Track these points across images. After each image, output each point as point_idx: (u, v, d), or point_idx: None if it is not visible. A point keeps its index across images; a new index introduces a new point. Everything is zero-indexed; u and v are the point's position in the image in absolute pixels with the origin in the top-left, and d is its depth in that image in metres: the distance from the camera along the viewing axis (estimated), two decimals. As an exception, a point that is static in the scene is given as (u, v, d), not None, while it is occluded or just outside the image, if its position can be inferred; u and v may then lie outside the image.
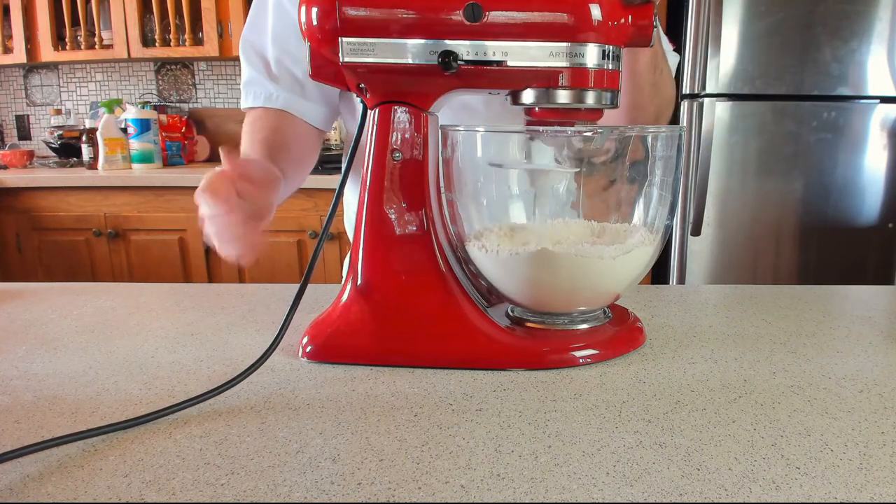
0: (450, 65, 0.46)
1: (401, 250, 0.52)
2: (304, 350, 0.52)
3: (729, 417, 0.42)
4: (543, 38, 0.47)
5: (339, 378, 0.49)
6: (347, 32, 0.48)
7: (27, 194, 2.17)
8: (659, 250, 0.54)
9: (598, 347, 0.52)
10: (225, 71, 2.67)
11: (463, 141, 0.52)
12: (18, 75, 2.76)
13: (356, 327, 0.52)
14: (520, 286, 0.53)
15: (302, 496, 0.34)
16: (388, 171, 0.51)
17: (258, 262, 2.16)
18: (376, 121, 0.51)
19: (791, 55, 1.80)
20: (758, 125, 1.84)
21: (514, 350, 0.51)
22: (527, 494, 0.34)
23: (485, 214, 0.54)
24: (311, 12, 0.48)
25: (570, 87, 0.48)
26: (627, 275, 0.52)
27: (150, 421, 0.42)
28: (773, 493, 0.34)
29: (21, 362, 0.52)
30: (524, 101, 0.49)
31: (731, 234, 1.92)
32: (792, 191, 1.90)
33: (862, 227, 1.92)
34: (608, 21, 0.47)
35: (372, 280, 0.52)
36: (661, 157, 0.51)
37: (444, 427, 0.41)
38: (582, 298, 0.54)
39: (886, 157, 1.88)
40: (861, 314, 0.65)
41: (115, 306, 0.68)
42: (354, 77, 0.50)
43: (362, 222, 0.52)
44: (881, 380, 0.48)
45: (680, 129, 0.52)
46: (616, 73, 0.49)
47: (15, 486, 0.35)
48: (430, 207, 0.52)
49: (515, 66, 0.47)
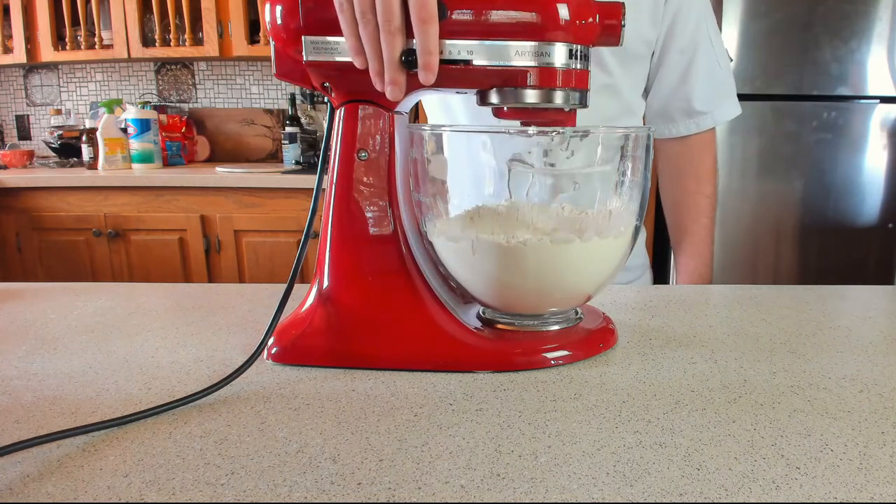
0: (413, 63, 0.46)
1: (367, 251, 0.52)
2: (269, 352, 0.52)
3: (729, 417, 0.42)
4: (510, 37, 0.46)
5: (339, 378, 0.49)
6: (311, 31, 0.48)
7: (27, 194, 2.17)
8: (628, 251, 0.53)
9: (569, 348, 0.52)
10: (225, 71, 2.67)
11: (430, 140, 0.52)
12: (18, 75, 2.76)
13: (321, 329, 0.52)
14: (485, 280, 0.52)
15: (302, 496, 0.34)
16: (354, 171, 0.51)
17: (258, 262, 2.17)
18: (342, 120, 0.51)
19: (791, 55, 1.80)
20: (758, 125, 1.84)
21: (481, 352, 0.51)
22: (527, 494, 0.34)
23: (452, 211, 0.54)
24: (276, 11, 0.48)
25: (537, 87, 0.47)
26: (595, 268, 0.52)
27: (146, 417, 0.42)
28: (773, 493, 0.34)
29: (21, 362, 0.52)
30: (491, 101, 0.49)
31: (731, 234, 1.92)
32: (792, 191, 1.90)
33: (862, 227, 1.92)
34: (576, 20, 0.46)
35: (338, 281, 0.52)
36: (630, 156, 0.51)
37: (444, 427, 0.41)
38: (549, 293, 0.53)
39: (886, 157, 1.88)
40: (861, 314, 0.65)
41: (115, 306, 0.68)
42: (318, 76, 0.49)
43: (329, 222, 0.52)
44: (881, 380, 0.48)
45: (649, 130, 0.52)
46: (585, 72, 0.48)
47: (15, 486, 0.35)
48: (398, 207, 0.52)
49: (481, 66, 0.47)
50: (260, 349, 0.49)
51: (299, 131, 2.42)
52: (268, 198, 2.09)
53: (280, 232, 2.12)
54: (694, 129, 0.92)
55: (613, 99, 0.87)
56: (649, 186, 0.53)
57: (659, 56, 0.89)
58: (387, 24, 0.44)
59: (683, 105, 0.91)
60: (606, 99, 0.86)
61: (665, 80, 0.90)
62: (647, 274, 1.01)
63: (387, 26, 0.44)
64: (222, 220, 2.12)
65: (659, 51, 0.89)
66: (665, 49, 0.88)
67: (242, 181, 2.09)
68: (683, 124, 0.93)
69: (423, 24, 0.44)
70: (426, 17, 0.44)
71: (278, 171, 2.20)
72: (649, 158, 0.52)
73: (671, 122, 0.93)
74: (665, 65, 0.89)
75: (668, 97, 0.91)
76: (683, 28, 0.87)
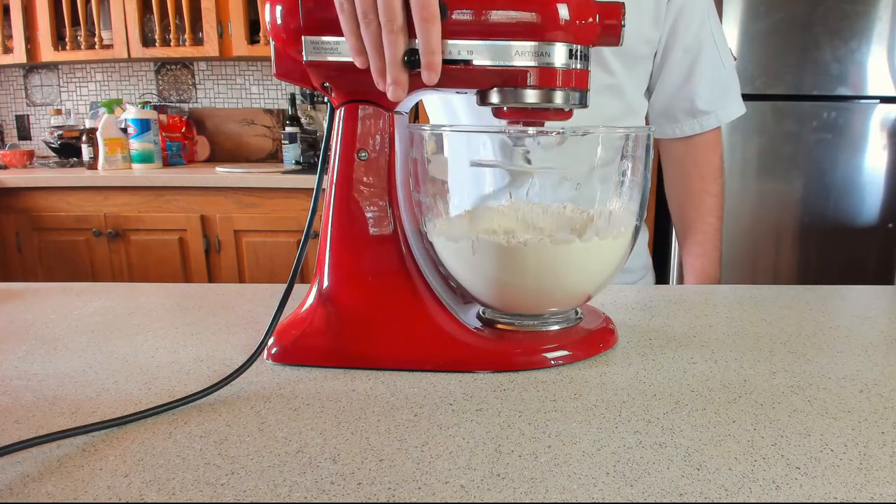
0: (416, 63, 0.46)
1: (367, 251, 0.52)
2: (269, 352, 0.52)
3: (729, 417, 0.42)
4: (510, 37, 0.46)
5: (338, 378, 0.49)
6: (311, 31, 0.48)
7: (27, 194, 2.17)
8: (629, 251, 0.53)
9: (569, 348, 0.52)
10: (225, 71, 2.67)
11: (430, 140, 0.52)
12: (18, 75, 2.76)
13: (321, 329, 0.52)
14: (485, 280, 0.52)
15: (302, 496, 0.34)
16: (354, 171, 0.51)
17: (258, 262, 2.17)
18: (342, 120, 0.51)
19: (791, 55, 1.80)
20: (758, 125, 1.84)
21: (481, 352, 0.51)
22: (527, 494, 0.34)
23: (452, 211, 0.54)
24: (276, 11, 0.48)
25: (537, 87, 0.47)
26: (595, 268, 0.52)
27: (146, 417, 0.42)
28: (773, 493, 0.34)
29: (21, 362, 0.52)
30: (491, 101, 0.49)
31: (731, 234, 1.92)
32: (792, 191, 1.90)
33: (862, 227, 1.92)
34: (576, 20, 0.46)
35: (338, 281, 0.52)
36: (630, 156, 0.51)
37: (444, 427, 0.41)
38: (549, 293, 0.53)
39: (886, 157, 1.88)
40: (861, 314, 0.65)
41: (115, 306, 0.68)
42: (318, 76, 0.49)
43: (329, 222, 0.52)
44: (881, 380, 0.48)
45: (649, 130, 0.52)
46: (585, 72, 0.48)
47: (15, 486, 0.35)
48: (398, 207, 0.52)
49: (481, 66, 0.47)
50: (260, 349, 0.49)
51: (299, 131, 2.42)
52: (268, 198, 2.09)
53: (280, 232, 2.12)
54: (698, 129, 0.92)
55: (616, 99, 0.87)
56: (649, 186, 0.53)
57: (662, 55, 0.89)
58: (389, 24, 0.44)
59: (687, 105, 0.91)
60: (609, 99, 0.86)
61: (668, 80, 0.90)
62: (650, 275, 1.01)
63: (389, 26, 0.44)
64: (222, 220, 2.12)
65: (662, 50, 0.89)
66: (668, 48, 0.88)
67: (242, 181, 2.09)
68: (687, 124, 0.92)
69: (425, 23, 0.44)
70: (428, 17, 0.44)
71: (278, 171, 2.20)
72: (649, 158, 0.52)
73: (674, 122, 0.93)
74: (668, 64, 0.89)
75: (671, 97, 0.91)
76: (687, 27, 0.87)
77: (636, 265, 0.96)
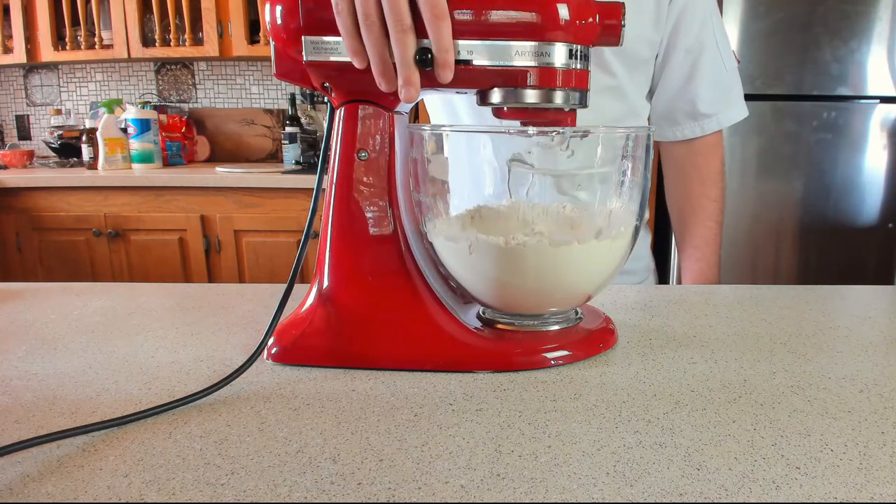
0: (427, 62, 0.46)
1: (367, 251, 0.52)
2: (269, 352, 0.52)
3: (729, 417, 0.42)
4: (510, 37, 0.46)
5: (338, 378, 0.49)
6: (310, 31, 0.48)
7: (27, 194, 2.17)
8: (628, 251, 0.53)
9: (569, 348, 0.52)
10: (225, 71, 2.67)
11: (430, 140, 0.52)
12: (18, 75, 2.76)
13: (321, 329, 0.52)
14: (485, 281, 0.52)
15: (302, 496, 0.34)
16: (354, 171, 0.51)
17: (258, 262, 2.17)
18: (342, 120, 0.51)
19: (791, 55, 1.80)
20: (758, 125, 1.84)
21: (481, 352, 0.51)
22: (527, 494, 0.34)
23: (452, 211, 0.54)
24: (276, 11, 0.48)
25: (537, 87, 0.47)
26: (595, 268, 0.52)
27: (146, 417, 0.42)
28: (773, 493, 0.34)
29: (21, 362, 0.52)
30: (492, 101, 0.49)
31: (731, 234, 1.91)
32: (792, 191, 1.90)
33: (862, 227, 1.92)
34: (576, 20, 0.46)
35: (338, 281, 0.52)
36: (630, 156, 0.51)
37: (444, 427, 0.41)
38: (548, 293, 0.53)
39: (886, 157, 1.88)
40: (861, 314, 0.65)
41: (115, 306, 0.68)
42: (318, 76, 0.50)
43: (329, 222, 0.52)
44: (881, 380, 0.48)
45: (649, 129, 0.52)
46: (585, 72, 0.48)
47: (15, 486, 0.35)
48: (398, 207, 0.52)
49: (482, 66, 0.47)
50: (260, 349, 0.49)
51: (299, 131, 2.42)
52: (268, 198, 2.09)
53: (280, 232, 2.12)
54: (699, 132, 0.92)
55: (618, 101, 0.87)
56: (649, 186, 0.53)
57: (663, 57, 0.89)
58: (398, 24, 0.44)
59: (688, 107, 0.90)
60: (610, 101, 0.86)
61: (670, 82, 0.90)
62: (652, 277, 1.00)
63: (398, 26, 0.44)
64: (222, 220, 2.12)
65: (663, 52, 0.88)
66: (670, 49, 0.88)
67: (242, 181, 2.09)
68: (688, 127, 0.92)
69: (436, 20, 0.44)
70: (440, 14, 0.43)
71: (278, 171, 2.20)
72: (649, 158, 0.52)
73: (675, 124, 0.92)
74: (670, 65, 0.89)
75: (672, 99, 0.91)
76: (688, 28, 0.86)
77: (638, 267, 0.96)
